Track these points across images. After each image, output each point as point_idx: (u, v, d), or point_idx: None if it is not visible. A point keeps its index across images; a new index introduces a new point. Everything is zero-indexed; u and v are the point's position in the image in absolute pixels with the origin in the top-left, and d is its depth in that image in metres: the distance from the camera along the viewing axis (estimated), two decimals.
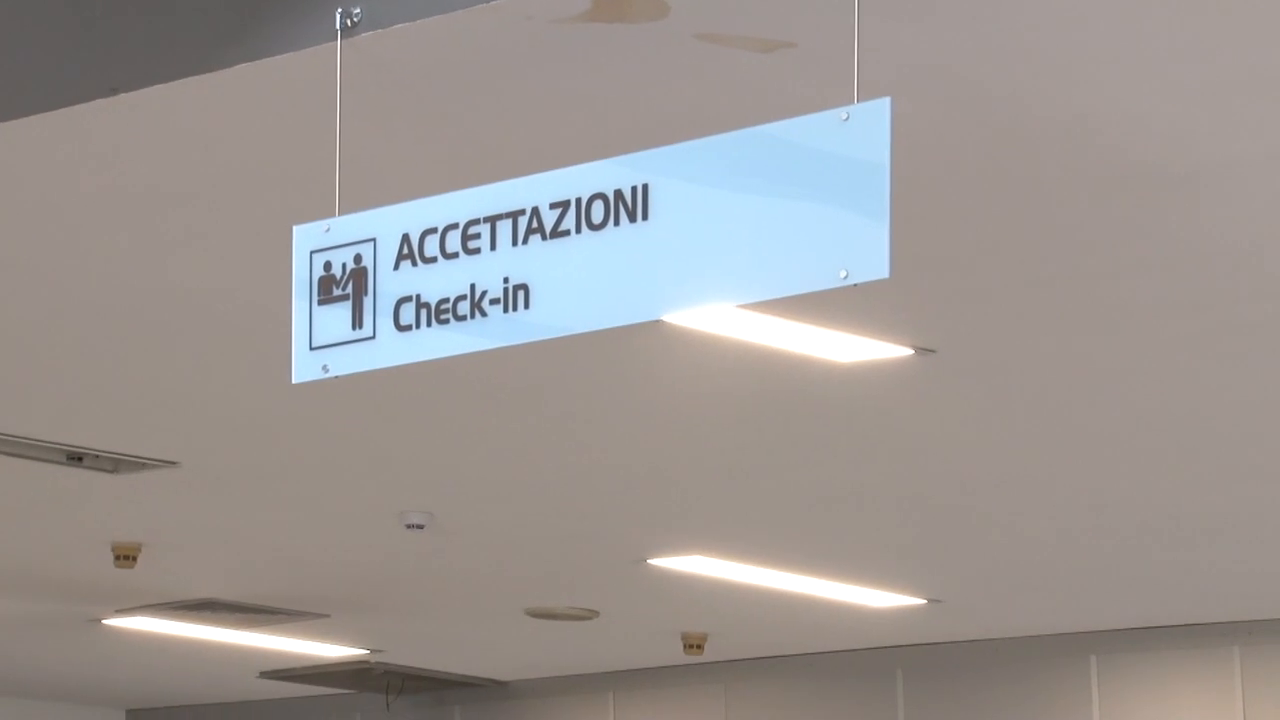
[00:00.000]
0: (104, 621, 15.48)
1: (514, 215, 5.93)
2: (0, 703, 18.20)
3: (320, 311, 6.19)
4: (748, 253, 5.44)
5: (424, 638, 16.36)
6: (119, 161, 7.52)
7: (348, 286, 6.29)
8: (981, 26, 6.31)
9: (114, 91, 6.67)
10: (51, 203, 8.21)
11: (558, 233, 5.75)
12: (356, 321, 6.13)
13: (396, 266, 6.08)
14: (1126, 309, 9.57)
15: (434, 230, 6.04)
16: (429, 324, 5.97)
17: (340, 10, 6.29)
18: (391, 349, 6.05)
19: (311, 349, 6.20)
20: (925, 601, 14.88)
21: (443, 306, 5.96)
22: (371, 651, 16.55)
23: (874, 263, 4.91)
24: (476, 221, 5.98)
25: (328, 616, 15.51)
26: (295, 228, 6.20)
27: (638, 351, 9.87)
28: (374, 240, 6.20)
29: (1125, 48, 6.47)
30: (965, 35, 6.24)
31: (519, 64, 6.67)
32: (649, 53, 6.45)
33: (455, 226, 6.02)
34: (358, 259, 6.21)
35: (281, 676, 17.02)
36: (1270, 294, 9.07)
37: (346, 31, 6.30)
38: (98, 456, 11.79)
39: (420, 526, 12.99)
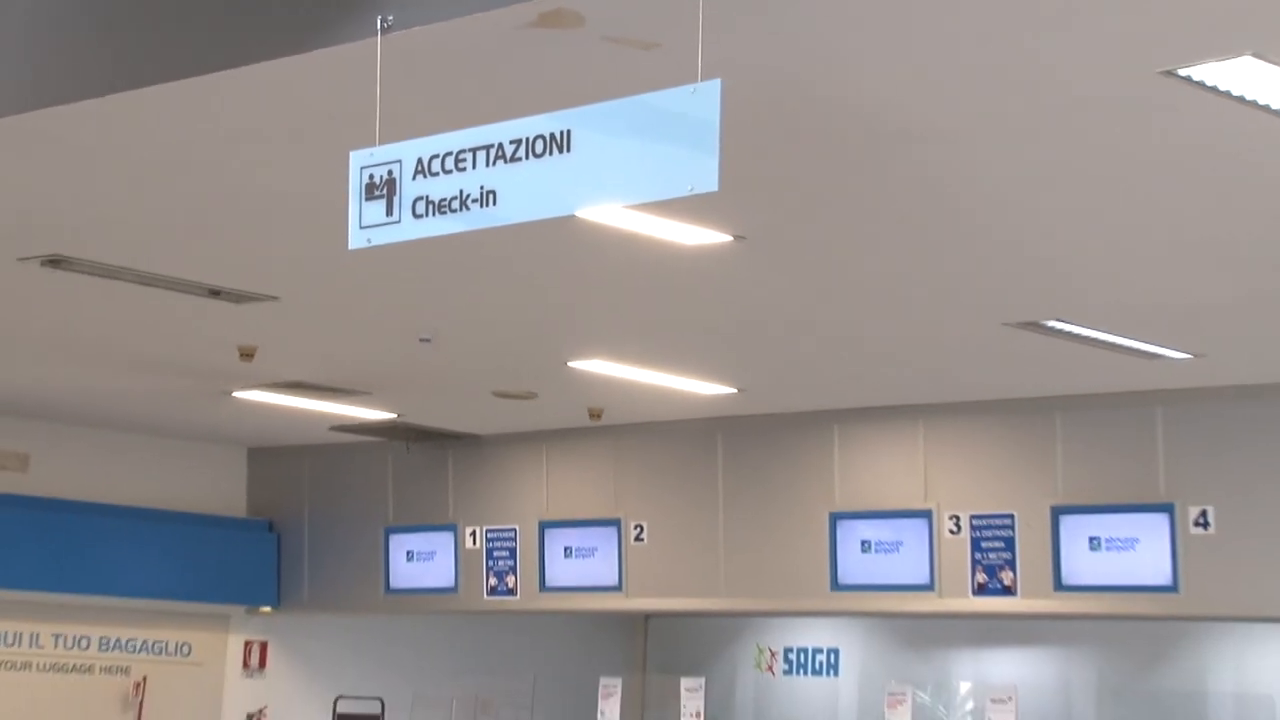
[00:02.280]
0: (232, 394, 16.00)
1: (487, 148, 6.57)
2: (159, 441, 18.49)
3: (367, 205, 6.90)
4: (631, 173, 6.29)
5: (430, 407, 16.88)
6: (258, 107, 8.14)
7: (383, 190, 6.86)
8: (782, 29, 7.07)
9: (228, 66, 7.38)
10: (212, 132, 8.68)
11: (514, 159, 6.48)
12: (389, 211, 6.82)
13: (414, 178, 6.77)
14: (883, 219, 10.19)
15: (437, 156, 6.70)
16: (433, 214, 6.70)
17: (380, 16, 6.95)
18: (410, 229, 6.78)
19: (361, 228, 6.92)
20: (736, 390, 15.33)
21: (442, 203, 6.66)
22: (398, 415, 17.05)
23: (708, 181, 5.89)
24: (464, 151, 6.64)
25: (370, 394, 16.05)
26: (351, 152, 6.94)
27: (565, 237, 10.08)
28: (399, 162, 6.83)
29: (887, 43, 7.25)
30: (770, 35, 7.02)
31: (496, 53, 7.32)
32: (573, 49, 7.13)
33: (450, 154, 6.68)
34: (389, 173, 6.85)
35: (343, 429, 17.69)
36: (970, 201, 9.66)
37: (384, 31, 6.94)
38: (229, 292, 12.15)
39: (428, 340, 13.54)
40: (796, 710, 20.04)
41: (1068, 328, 12.56)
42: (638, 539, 16.94)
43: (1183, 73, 7.39)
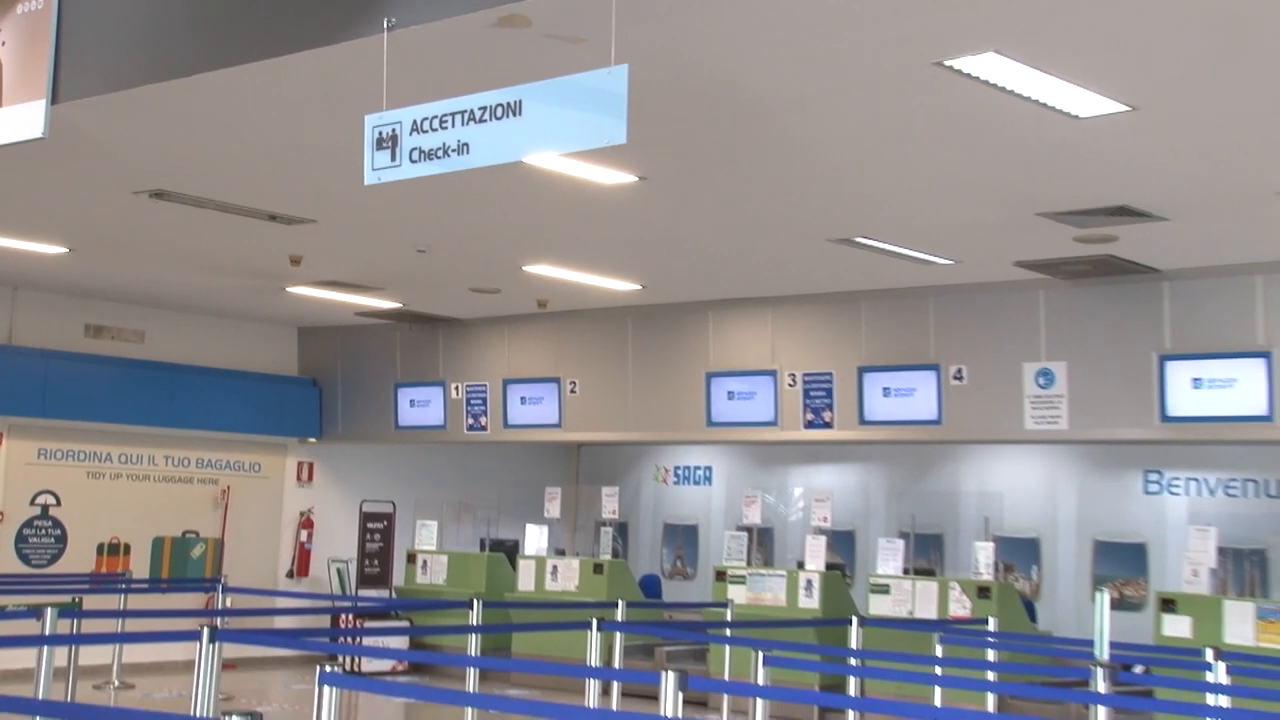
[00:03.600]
0: (286, 289, 15.77)
1: (462, 112, 6.61)
2: (235, 322, 18.40)
3: (377, 153, 6.92)
4: (564, 130, 6.38)
5: (425, 298, 16.44)
6: (302, 83, 8.11)
7: (389, 143, 6.86)
8: (672, 28, 7.21)
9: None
10: (270, 101, 8.77)
11: (481, 120, 6.53)
12: (393, 158, 6.86)
13: (410, 134, 6.79)
14: (744, 164, 10.12)
15: (427, 118, 6.73)
16: (424, 160, 6.73)
17: (386, 18, 6.93)
18: (408, 170, 6.81)
19: (373, 170, 6.93)
20: (640, 287, 15.08)
21: (431, 152, 6.69)
22: (403, 304, 16.71)
23: (618, 136, 6.03)
24: (446, 115, 6.67)
25: (383, 289, 15.83)
26: (366, 116, 6.94)
27: (519, 178, 10.18)
28: (400, 122, 6.85)
29: (749, 37, 7.32)
30: (663, 32, 7.14)
31: (469, 45, 7.32)
32: (524, 42, 7.14)
33: (436, 117, 6.70)
34: (393, 130, 6.86)
35: (364, 314, 17.34)
36: (805, 151, 9.61)
37: (389, 29, 6.92)
38: (282, 216, 12.09)
39: (424, 251, 13.56)
40: (682, 509, 20.17)
41: (870, 242, 12.39)
42: (572, 391, 16.87)
43: (948, 63, 7.61)
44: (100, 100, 8.30)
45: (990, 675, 11.77)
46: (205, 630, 8.73)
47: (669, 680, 6.86)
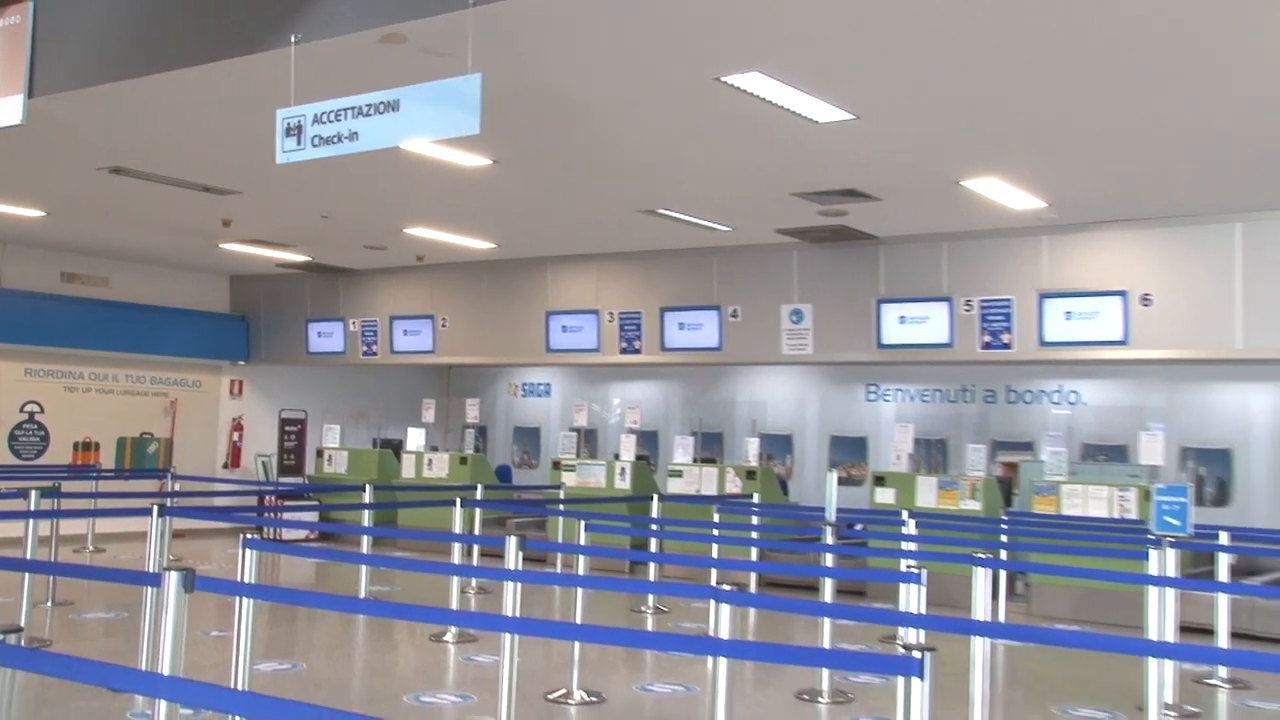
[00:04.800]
0: (220, 246, 15.33)
1: (353, 108, 6.51)
2: (181, 271, 17.90)
3: (286, 139, 6.77)
4: (432, 123, 6.28)
5: (329, 253, 15.99)
6: (230, 84, 7.72)
7: (296, 131, 6.71)
8: (514, 45, 7.09)
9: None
10: (206, 97, 9.09)
11: (367, 114, 6.45)
12: (299, 143, 6.70)
13: (312, 124, 6.65)
14: (572, 152, 10.16)
15: (326, 112, 6.59)
16: (323, 145, 6.60)
17: (293, 34, 6.83)
18: (310, 153, 6.64)
19: (283, 152, 6.77)
20: (495, 245, 14.79)
21: (328, 139, 6.57)
22: (311, 258, 16.39)
23: (473, 128, 5.93)
24: (340, 110, 6.56)
25: (295, 245, 15.46)
26: (277, 109, 6.80)
27: (400, 160, 10.56)
28: (305, 115, 6.69)
29: (572, 53, 7.33)
30: (508, 48, 6.90)
31: (359, 56, 7.13)
32: (401, 55, 6.99)
33: (332, 111, 6.58)
34: (299, 121, 6.71)
35: (281, 265, 16.77)
36: (620, 143, 9.60)
37: (296, 43, 6.83)
38: (214, 188, 11.75)
39: (326, 216, 13.27)
40: (528, 415, 20.00)
41: (669, 213, 12.36)
42: (443, 325, 16.62)
43: (724, 79, 7.67)
44: (69, 95, 8.17)
45: (754, 534, 12.07)
46: (155, 508, 8.85)
47: (511, 542, 7.01)
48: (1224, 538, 9.98)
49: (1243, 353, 11.59)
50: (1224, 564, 9.81)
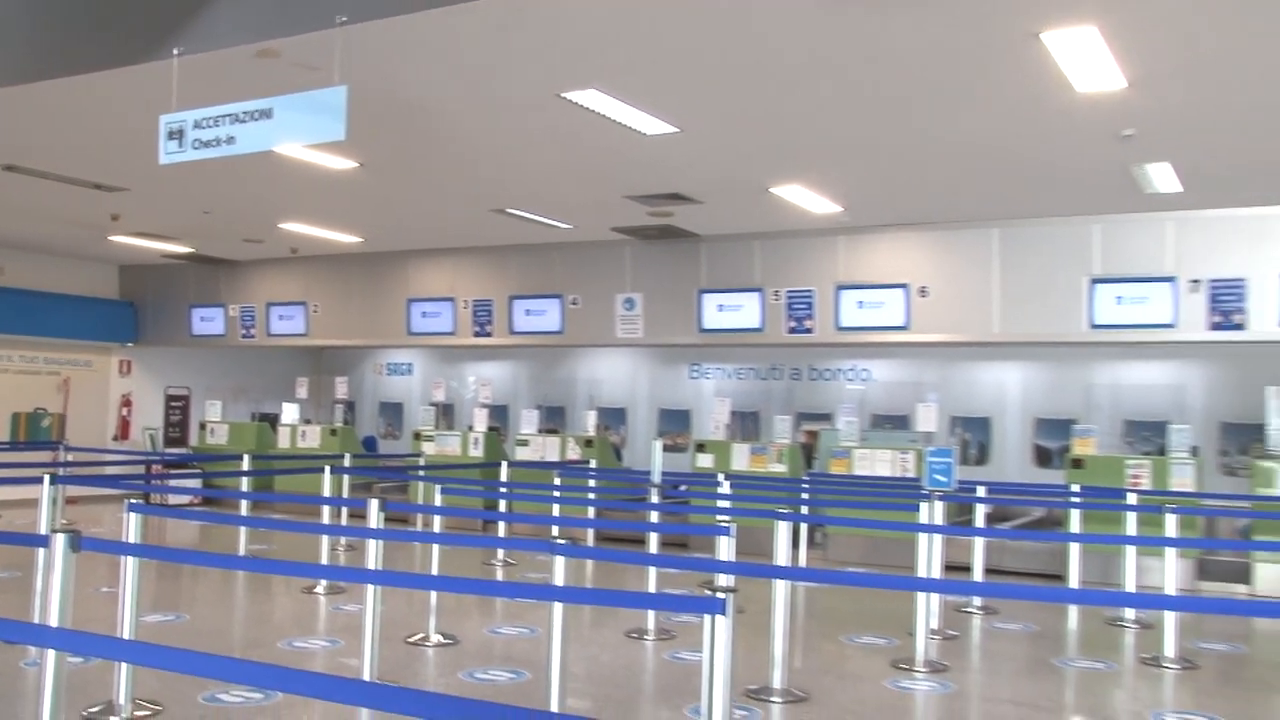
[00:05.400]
0: (109, 238, 14.73)
1: (231, 114, 6.42)
2: (75, 260, 17.27)
3: (169, 141, 6.66)
4: (301, 129, 6.19)
5: (211, 245, 15.52)
6: (119, 90, 7.07)
7: (178, 134, 6.60)
8: (374, 62, 6.95)
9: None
10: (96, 101, 8.66)
11: (243, 121, 6.37)
12: (180, 145, 6.62)
13: (193, 129, 6.55)
14: (429, 156, 9.96)
15: (206, 119, 6.50)
16: (203, 148, 6.52)
17: (176, 48, 6.66)
18: (191, 155, 6.55)
19: (166, 154, 6.66)
20: (362, 239, 14.54)
21: (207, 142, 6.49)
22: (195, 249, 15.85)
23: (339, 134, 5.88)
24: (220, 116, 6.47)
25: (180, 238, 14.97)
26: (161, 116, 6.71)
27: (275, 162, 10.37)
28: (186, 120, 6.60)
29: (425, 69, 7.21)
30: (369, 64, 6.25)
31: (237, 68, 6.95)
32: (275, 68, 6.84)
33: (212, 118, 6.49)
34: (181, 126, 6.63)
35: (167, 255, 16.38)
36: (471, 146, 9.43)
37: (178, 56, 6.64)
38: (104, 186, 11.42)
39: (209, 213, 12.83)
40: (393, 392, 19.64)
41: (517, 212, 12.25)
42: (315, 310, 16.31)
43: (563, 95, 7.65)
44: None
45: (591, 495, 12.07)
46: (46, 476, 8.58)
47: (374, 504, 6.96)
48: (981, 491, 10.51)
49: (999, 337, 12.12)
50: (981, 513, 10.24)
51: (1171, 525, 8.22)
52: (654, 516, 8.85)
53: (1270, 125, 8.09)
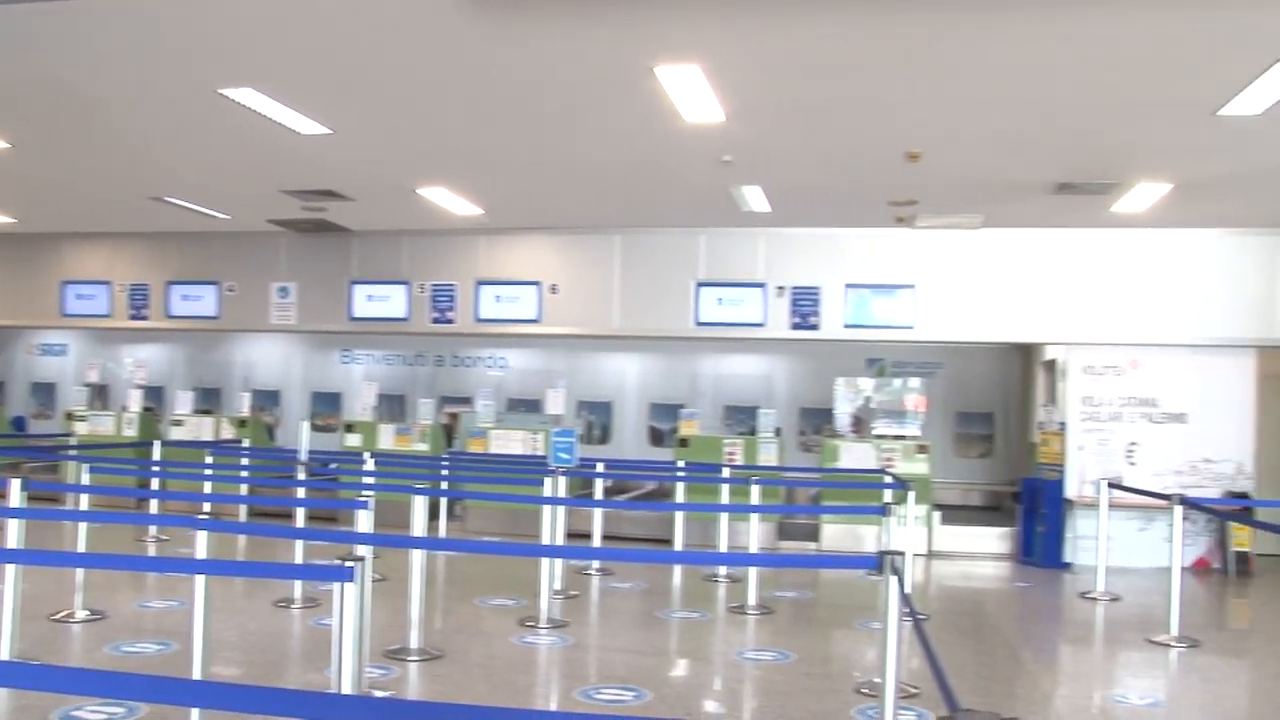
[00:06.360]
0: None
1: None
2: None
3: None
4: None
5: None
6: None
7: None
8: (36, 50, 6.76)
9: None
10: None
11: None
12: None
13: None
14: (93, 143, 9.34)
15: None
16: None
17: None
18: None
19: None
20: (12, 220, 13.49)
21: None
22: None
23: None
24: None
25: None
26: None
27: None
28: None
29: (103, 57, 6.94)
30: (36, 51, 6.60)
31: None
32: None
33: None
34: None
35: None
36: (130, 134, 8.85)
37: None
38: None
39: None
40: (46, 372, 17.85)
41: (176, 201, 11.54)
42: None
43: (223, 92, 7.23)
44: None
45: (244, 473, 11.62)
46: None
47: (15, 484, 6.56)
48: (600, 467, 10.84)
49: (619, 331, 12.47)
50: (600, 486, 10.60)
51: (756, 494, 8.83)
52: (301, 493, 8.58)
53: (837, 161, 8.72)
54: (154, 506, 11.52)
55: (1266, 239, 11.05)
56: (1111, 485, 9.92)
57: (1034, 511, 11.27)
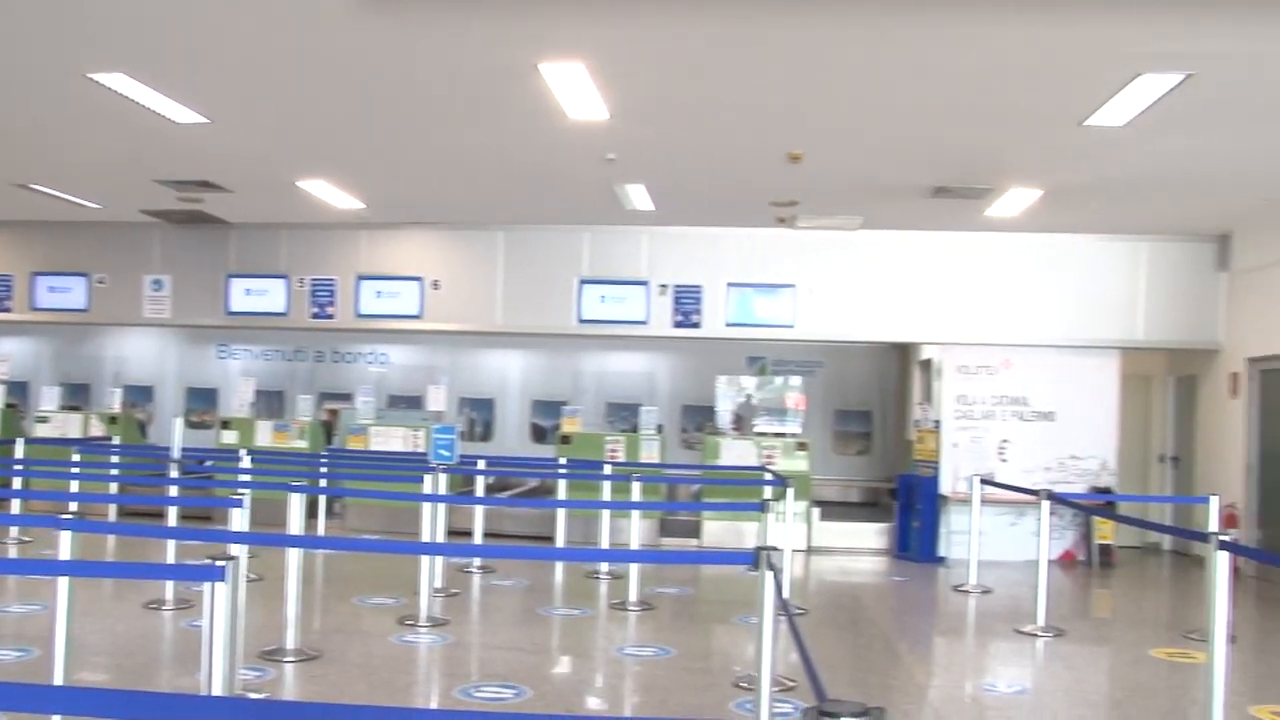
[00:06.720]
0: None
1: None
2: None
3: None
4: None
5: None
6: None
7: None
8: None
9: None
10: None
11: None
12: None
13: None
14: None
15: None
16: None
17: None
18: None
19: None
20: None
21: None
22: None
23: None
24: None
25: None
26: None
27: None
28: None
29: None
30: None
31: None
32: None
33: None
34: None
35: None
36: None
37: None
38: None
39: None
40: None
41: (42, 188, 11.09)
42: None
43: (91, 76, 7.00)
44: None
45: (113, 471, 11.19)
46: None
47: None
48: (481, 464, 10.78)
49: (502, 327, 12.44)
50: (481, 483, 10.54)
51: (637, 491, 8.88)
52: (173, 491, 8.34)
53: (719, 161, 8.83)
54: (15, 506, 11.12)
55: (1129, 244, 11.49)
56: (984, 481, 10.22)
57: (910, 507, 11.55)
